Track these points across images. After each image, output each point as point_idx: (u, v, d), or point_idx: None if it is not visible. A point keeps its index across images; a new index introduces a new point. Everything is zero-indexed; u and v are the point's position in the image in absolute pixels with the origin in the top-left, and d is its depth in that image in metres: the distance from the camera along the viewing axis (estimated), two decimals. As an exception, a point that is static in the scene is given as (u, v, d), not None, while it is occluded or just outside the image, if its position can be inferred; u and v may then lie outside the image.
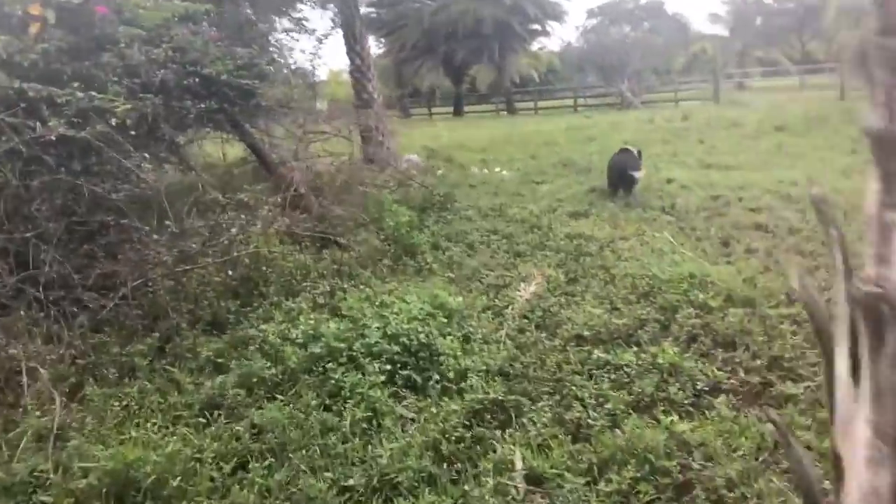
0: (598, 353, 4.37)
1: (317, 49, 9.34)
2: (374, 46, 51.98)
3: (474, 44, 41.28)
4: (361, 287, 5.72)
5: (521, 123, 26.83)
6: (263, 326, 4.88)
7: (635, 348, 4.43)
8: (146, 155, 6.00)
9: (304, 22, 11.64)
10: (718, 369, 4.10)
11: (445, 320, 4.75)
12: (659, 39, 48.42)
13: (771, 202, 8.30)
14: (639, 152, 10.12)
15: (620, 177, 9.61)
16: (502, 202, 9.14)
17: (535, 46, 54.22)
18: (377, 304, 5.07)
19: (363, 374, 4.14)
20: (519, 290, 5.50)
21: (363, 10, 48.09)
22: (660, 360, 4.15)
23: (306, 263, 6.15)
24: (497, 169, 12.60)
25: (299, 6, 12.53)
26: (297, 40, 11.50)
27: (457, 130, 23.33)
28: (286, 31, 11.68)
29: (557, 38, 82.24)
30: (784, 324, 4.55)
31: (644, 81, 42.74)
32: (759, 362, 4.11)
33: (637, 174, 9.44)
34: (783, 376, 3.96)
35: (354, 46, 13.04)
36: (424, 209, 8.37)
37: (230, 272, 5.54)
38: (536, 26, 43.32)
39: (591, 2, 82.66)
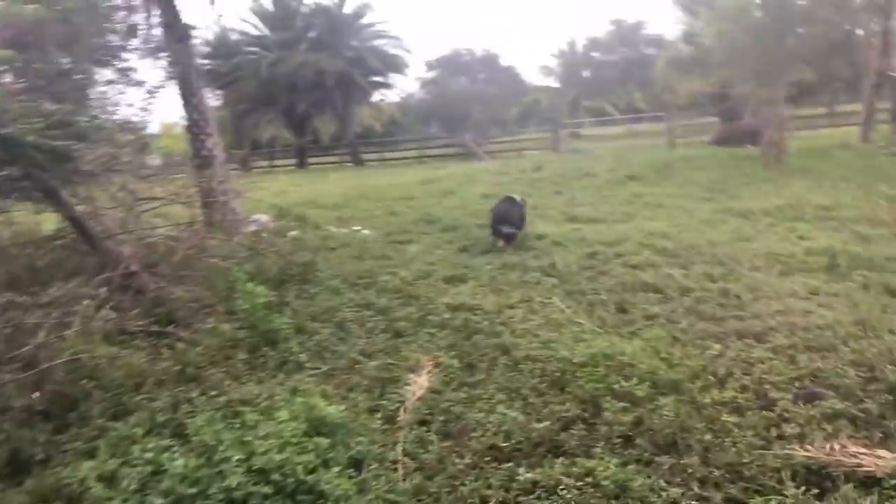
0: (522, 472, 3.55)
1: (147, 103, 8.13)
2: (211, 98, 50.03)
3: (316, 95, 40.50)
4: (212, 394, 4.60)
5: (370, 176, 26.18)
6: (84, 466, 3.68)
7: (563, 459, 3.66)
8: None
9: (130, 73, 10.31)
10: (668, 482, 3.40)
11: (327, 440, 3.77)
12: (496, 91, 49.86)
13: (650, 257, 7.96)
14: (523, 201, 10.50)
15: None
16: (369, 268, 8.24)
17: (376, 97, 54.36)
18: (237, 424, 3.99)
19: (225, 536, 3.09)
20: (409, 385, 4.60)
21: (197, 61, 46.32)
22: (599, 476, 3.40)
23: (141, 368, 4.94)
24: (356, 227, 11.71)
25: (124, 55, 11.18)
26: (124, 93, 9.97)
27: (304, 185, 22.27)
28: (110, 82, 10.30)
29: (398, 89, 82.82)
30: (724, 414, 3.96)
31: (485, 132, 43.58)
32: (713, 471, 3.45)
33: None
34: (747, 489, 3.31)
35: (191, 99, 11.81)
36: (282, 282, 7.30)
37: (36, 393, 4.27)
38: (378, 78, 43.20)
39: (429, 53, 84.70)
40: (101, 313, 5.22)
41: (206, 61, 46.13)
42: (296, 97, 40.96)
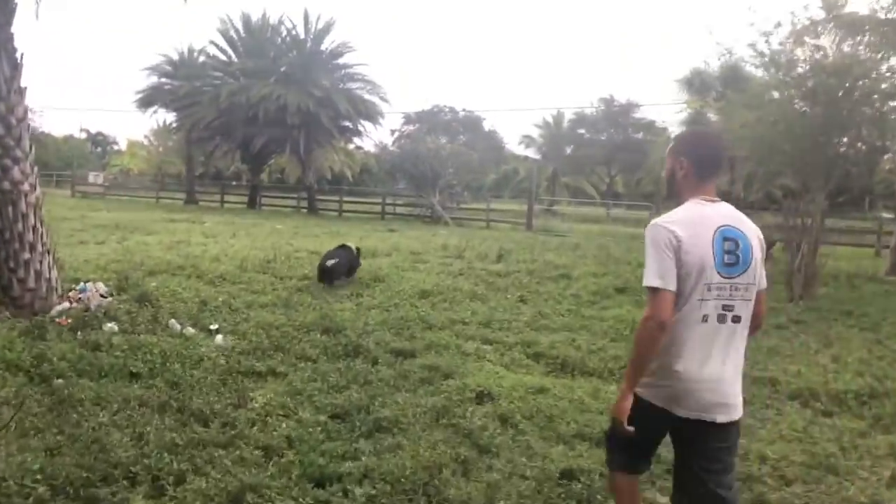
0: None
1: None
2: (168, 118, 46.11)
3: (276, 132, 36.80)
4: None
5: (312, 231, 22.32)
6: None
7: None
8: None
9: None
10: None
11: None
12: (474, 154, 46.68)
13: None
14: (357, 249, 12.02)
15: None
16: (150, 452, 4.32)
17: (353, 144, 51.04)
18: None
19: None
20: None
21: (156, 79, 42.57)
22: None
23: None
24: (213, 327, 7.79)
25: None
26: None
27: (220, 234, 18.32)
28: None
29: (369, 138, 79.45)
30: None
31: (456, 196, 40.26)
32: None
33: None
34: None
35: (-3, 105, 7.90)
36: None
37: None
38: (348, 123, 39.70)
39: (410, 106, 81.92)
40: None
41: (164, 80, 42.68)
42: (254, 131, 37.19)
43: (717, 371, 2.89)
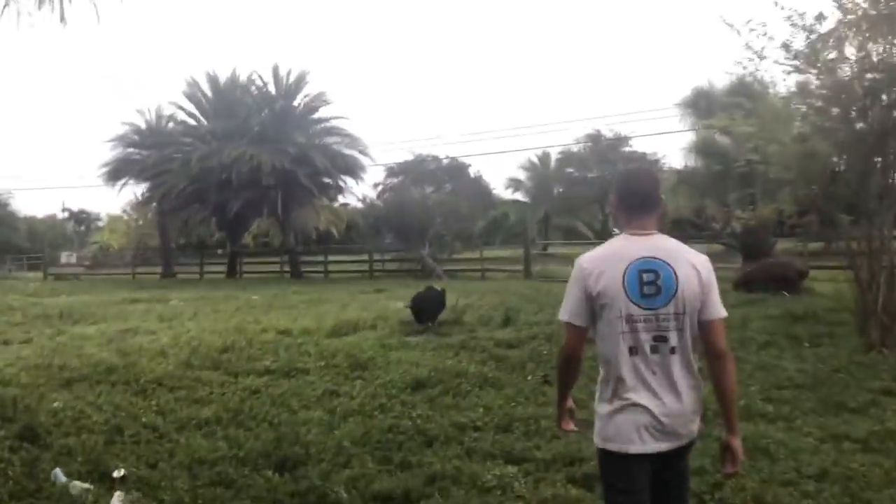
0: None
1: None
2: (139, 190, 43.74)
3: (252, 194, 34.70)
4: None
5: (290, 298, 19.95)
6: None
7: None
8: None
9: None
10: None
11: None
12: (461, 202, 44.54)
13: None
14: (442, 291, 13.29)
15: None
16: None
17: (338, 202, 49.14)
18: None
19: None
20: None
21: (123, 150, 40.54)
22: None
23: None
24: (118, 473, 5.36)
25: None
26: None
27: (179, 317, 15.90)
28: None
29: (353, 193, 77.25)
30: None
31: (447, 246, 38.05)
32: None
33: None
34: None
35: None
36: None
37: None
38: (327, 180, 37.65)
39: (393, 158, 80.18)
40: None
41: (131, 150, 40.71)
42: (228, 195, 35.08)
43: (661, 402, 2.86)
